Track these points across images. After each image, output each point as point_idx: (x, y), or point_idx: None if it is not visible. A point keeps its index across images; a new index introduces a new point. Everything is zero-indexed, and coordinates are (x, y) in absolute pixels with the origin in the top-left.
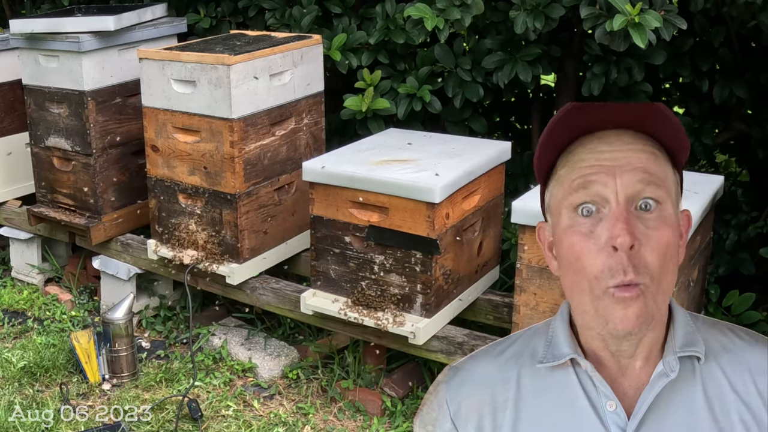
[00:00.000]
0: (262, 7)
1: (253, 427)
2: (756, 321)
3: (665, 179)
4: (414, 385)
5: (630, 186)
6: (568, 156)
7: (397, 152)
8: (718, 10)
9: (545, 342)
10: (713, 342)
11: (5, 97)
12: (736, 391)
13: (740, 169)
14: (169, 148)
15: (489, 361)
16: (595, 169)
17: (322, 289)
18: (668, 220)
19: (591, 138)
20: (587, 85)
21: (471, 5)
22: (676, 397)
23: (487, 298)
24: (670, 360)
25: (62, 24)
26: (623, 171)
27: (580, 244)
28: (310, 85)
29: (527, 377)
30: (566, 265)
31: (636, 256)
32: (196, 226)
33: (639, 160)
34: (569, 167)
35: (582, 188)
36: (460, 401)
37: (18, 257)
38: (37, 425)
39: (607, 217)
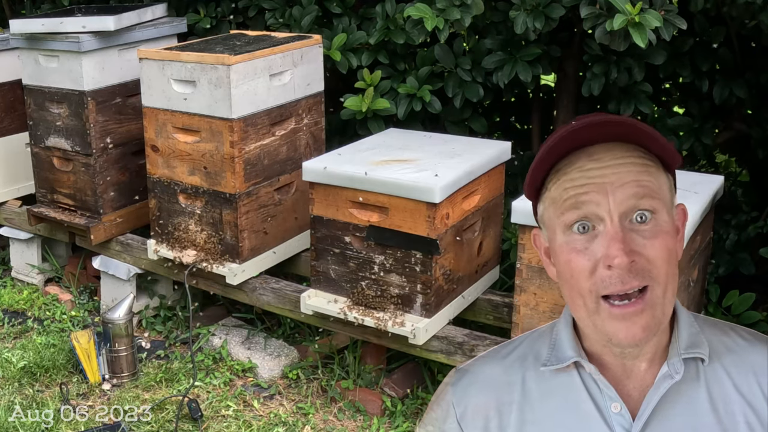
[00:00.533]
0: (262, 7)
1: (253, 427)
2: (756, 321)
3: (659, 188)
4: (414, 385)
5: (623, 202)
6: (557, 174)
7: (397, 152)
8: (718, 10)
9: (549, 345)
10: (717, 343)
11: (5, 97)
12: (740, 392)
13: (740, 169)
14: (169, 148)
15: (495, 364)
16: (586, 189)
17: (322, 289)
18: (664, 228)
19: (579, 154)
20: (587, 85)
21: (471, 5)
22: (681, 399)
23: (487, 298)
24: (674, 362)
25: (62, 24)
26: (615, 188)
27: (576, 261)
28: (310, 85)
29: (532, 380)
30: (563, 280)
31: (636, 266)
32: (196, 226)
33: (630, 173)
34: (560, 186)
35: (574, 208)
36: (466, 403)
37: (18, 257)
38: (37, 425)
39: (603, 235)
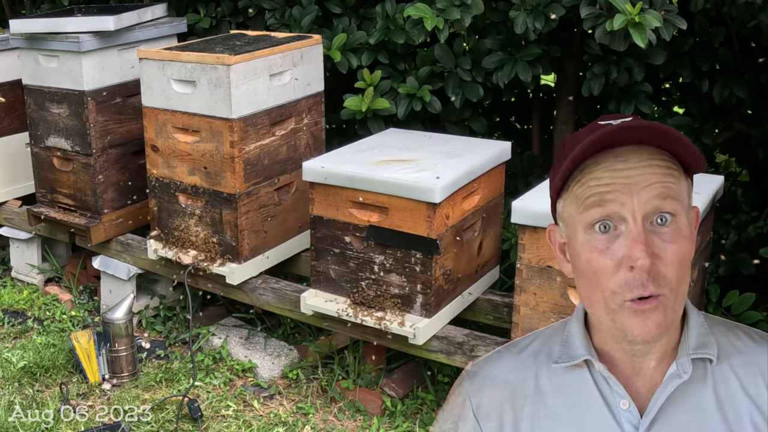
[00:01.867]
0: (262, 7)
1: (253, 427)
2: (756, 321)
3: (680, 192)
4: (414, 385)
5: (647, 204)
6: (583, 172)
7: (397, 152)
8: (718, 10)
9: (561, 342)
10: (726, 344)
11: (5, 97)
12: (748, 393)
13: (740, 169)
14: (169, 148)
15: (509, 359)
16: (611, 188)
17: (322, 289)
18: (683, 232)
19: (606, 155)
20: (587, 85)
21: (471, 5)
22: (688, 398)
23: (487, 298)
24: (683, 361)
25: (62, 24)
26: (640, 189)
27: (597, 260)
28: (310, 85)
29: (544, 376)
30: (583, 278)
31: (654, 270)
32: (196, 226)
33: (655, 175)
34: (584, 185)
35: (598, 206)
36: (482, 397)
37: (18, 257)
38: (37, 425)
39: (625, 235)
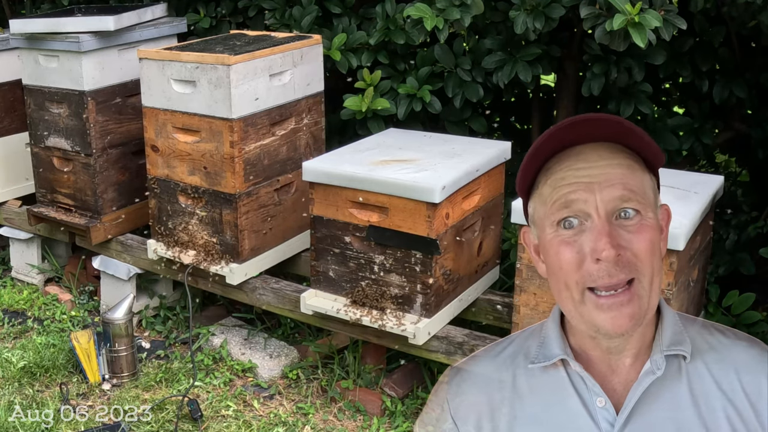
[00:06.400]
0: (262, 7)
1: (253, 427)
2: (756, 321)
3: (643, 190)
4: (414, 385)
5: (610, 202)
6: (547, 173)
7: (397, 152)
8: (718, 10)
9: (538, 343)
10: (700, 341)
11: (5, 97)
12: (721, 388)
13: (740, 169)
14: (169, 148)
15: (488, 362)
16: (574, 187)
17: (322, 289)
18: (648, 223)
19: (568, 154)
20: (587, 85)
21: (471, 5)
22: (663, 394)
23: (487, 298)
24: (657, 358)
25: (62, 24)
26: (602, 187)
27: (564, 253)
28: (310, 85)
29: (522, 377)
30: (552, 275)
31: (623, 259)
32: (196, 226)
33: (616, 175)
34: (550, 185)
35: (564, 207)
36: (460, 401)
37: (18, 257)
38: (37, 425)
39: (590, 230)
